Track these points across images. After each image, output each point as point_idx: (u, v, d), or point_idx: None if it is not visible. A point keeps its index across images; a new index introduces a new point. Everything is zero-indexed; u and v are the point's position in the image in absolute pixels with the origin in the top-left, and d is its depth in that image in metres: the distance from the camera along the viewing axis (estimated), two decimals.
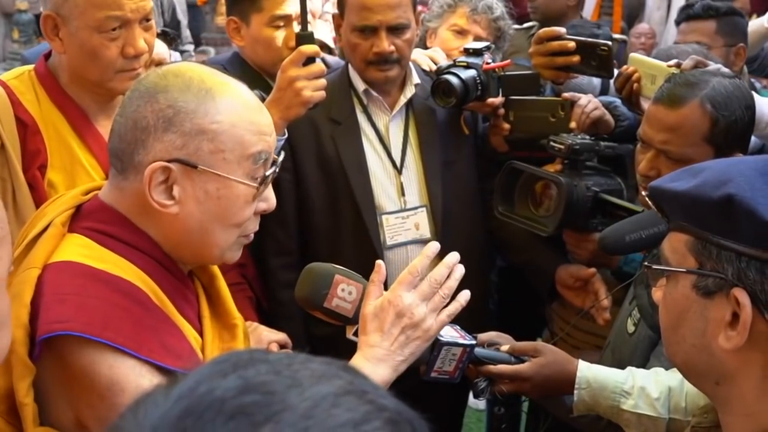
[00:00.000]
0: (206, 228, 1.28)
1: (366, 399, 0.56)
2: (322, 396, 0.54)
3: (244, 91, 1.31)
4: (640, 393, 1.55)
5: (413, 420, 0.58)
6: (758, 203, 0.92)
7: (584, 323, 2.27)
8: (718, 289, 0.97)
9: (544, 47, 2.35)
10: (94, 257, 1.25)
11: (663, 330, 1.07)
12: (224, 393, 0.53)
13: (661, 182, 1.07)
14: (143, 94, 1.25)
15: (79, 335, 1.16)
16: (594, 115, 2.31)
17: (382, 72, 2.25)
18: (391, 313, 1.33)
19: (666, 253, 1.05)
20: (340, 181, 2.29)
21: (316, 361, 0.59)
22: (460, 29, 2.86)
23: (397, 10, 2.19)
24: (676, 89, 1.86)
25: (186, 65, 1.31)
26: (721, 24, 3.01)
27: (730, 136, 1.83)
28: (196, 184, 1.25)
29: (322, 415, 0.53)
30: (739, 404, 1.00)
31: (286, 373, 0.56)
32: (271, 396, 0.53)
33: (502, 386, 1.64)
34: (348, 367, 0.60)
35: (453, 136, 2.41)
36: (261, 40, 2.49)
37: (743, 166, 0.98)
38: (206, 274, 1.45)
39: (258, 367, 0.56)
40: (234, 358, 0.58)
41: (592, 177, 2.21)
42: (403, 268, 2.28)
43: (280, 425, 0.51)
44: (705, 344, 0.99)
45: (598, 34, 3.79)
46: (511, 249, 2.53)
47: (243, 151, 1.26)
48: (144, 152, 1.23)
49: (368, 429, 0.53)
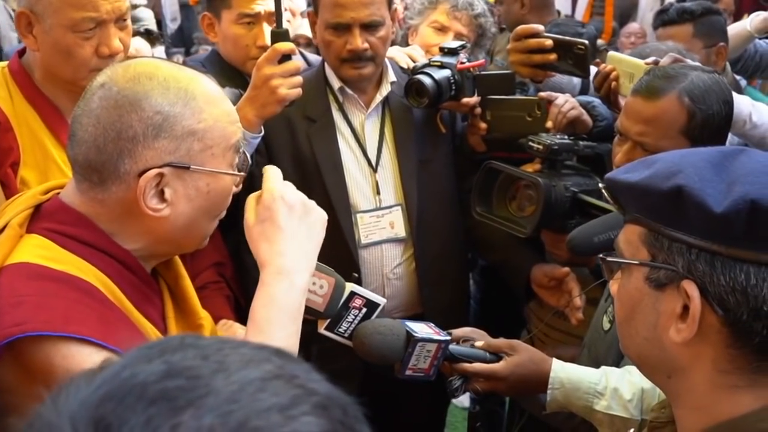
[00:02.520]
0: (194, 222, 1.29)
1: (295, 383, 0.55)
2: (249, 380, 0.53)
3: (208, 81, 1.31)
4: (613, 394, 1.55)
5: (346, 404, 0.57)
6: (707, 195, 0.91)
7: (561, 323, 2.27)
8: (670, 282, 0.96)
9: (522, 44, 2.35)
10: (52, 258, 1.23)
11: (617, 323, 1.07)
12: (147, 378, 0.53)
13: (615, 173, 1.06)
14: (120, 102, 1.22)
15: (38, 334, 1.15)
16: (571, 115, 2.31)
17: (357, 69, 2.25)
18: (282, 208, 1.27)
19: (621, 245, 1.04)
20: (315, 180, 2.28)
21: (248, 346, 0.58)
22: (440, 26, 2.86)
23: (371, 8, 2.19)
24: (654, 81, 1.87)
25: (147, 64, 1.29)
26: (698, 26, 3.01)
27: (707, 130, 1.84)
28: (187, 183, 1.25)
29: (246, 400, 0.52)
30: (690, 397, 0.99)
31: (215, 357, 0.55)
32: (195, 380, 0.53)
33: (477, 385, 1.63)
34: (280, 352, 0.59)
35: (429, 135, 2.41)
36: (230, 37, 2.49)
37: (695, 158, 0.97)
38: (171, 273, 1.43)
39: (186, 352, 0.56)
40: (164, 344, 0.58)
41: (571, 177, 2.21)
42: (378, 267, 2.34)
43: (202, 410, 0.51)
44: (656, 337, 0.98)
45: (582, 33, 3.80)
46: (487, 248, 2.52)
47: (226, 144, 1.28)
48: (131, 161, 1.22)
49: (295, 413, 0.53)
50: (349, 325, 1.48)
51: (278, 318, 1.23)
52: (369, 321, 1.48)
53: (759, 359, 0.94)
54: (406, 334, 1.52)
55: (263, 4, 2.43)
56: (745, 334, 0.92)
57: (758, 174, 0.92)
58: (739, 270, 0.91)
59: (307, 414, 0.53)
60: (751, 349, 0.93)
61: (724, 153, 0.97)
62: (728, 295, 0.91)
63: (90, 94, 1.25)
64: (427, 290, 2.38)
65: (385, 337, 1.49)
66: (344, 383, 1.37)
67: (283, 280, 1.24)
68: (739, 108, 2.06)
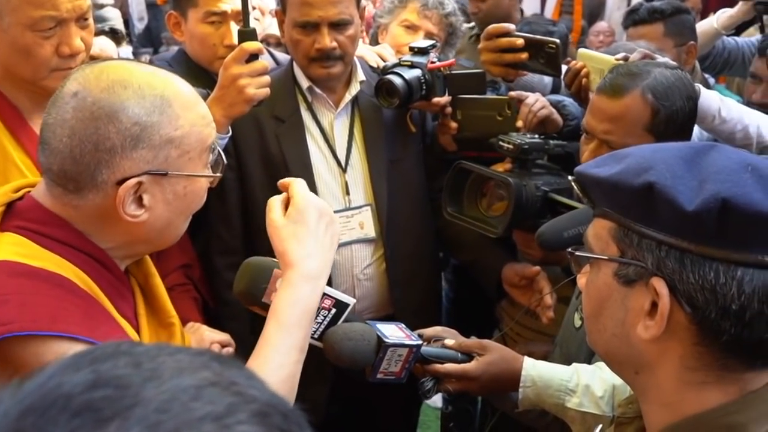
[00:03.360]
0: (171, 224, 1.31)
1: (233, 391, 0.53)
2: (182, 388, 0.51)
3: (182, 83, 1.31)
4: (584, 391, 1.55)
5: (287, 411, 0.55)
6: (678, 191, 0.91)
7: (532, 322, 2.27)
8: (638, 278, 0.95)
9: (493, 44, 2.34)
10: (29, 255, 1.23)
11: (585, 318, 1.06)
12: (72, 388, 0.51)
13: (585, 168, 1.05)
14: (96, 114, 1.20)
15: (27, 334, 1.15)
16: (541, 114, 2.31)
17: (325, 68, 2.23)
18: (314, 214, 1.30)
19: (589, 239, 1.04)
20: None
21: (186, 352, 0.56)
22: (410, 25, 2.85)
23: (339, 6, 2.17)
24: (618, 79, 1.88)
25: (121, 69, 1.27)
26: (669, 25, 3.03)
27: (671, 126, 1.85)
28: (165, 188, 1.26)
29: (178, 409, 0.50)
30: (657, 394, 0.99)
31: (148, 365, 0.53)
32: (123, 390, 0.50)
33: (449, 385, 1.62)
34: (221, 357, 0.57)
35: (399, 134, 2.39)
36: (196, 36, 2.46)
37: (666, 153, 0.96)
38: (142, 272, 1.44)
39: (117, 360, 0.53)
40: (97, 351, 0.55)
41: (542, 176, 2.21)
42: (348, 267, 2.32)
43: (129, 422, 0.48)
44: (624, 333, 0.98)
45: (553, 32, 3.81)
46: (458, 248, 2.52)
47: (202, 146, 1.29)
48: (108, 171, 1.22)
49: (230, 422, 0.50)
50: (318, 326, 1.46)
51: (302, 319, 1.27)
52: (339, 326, 1.46)
53: (726, 356, 0.93)
54: (377, 339, 1.50)
55: (230, 2, 2.40)
56: (712, 332, 0.92)
57: (730, 172, 0.91)
58: (709, 268, 0.90)
59: (244, 423, 0.51)
60: (718, 346, 0.93)
61: (696, 149, 0.97)
62: (697, 293, 0.91)
63: (62, 102, 1.23)
64: (397, 291, 2.37)
65: (356, 343, 1.47)
66: (316, 386, 1.35)
67: (309, 284, 1.27)
68: (709, 103, 2.08)
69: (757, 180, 0.90)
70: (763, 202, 0.88)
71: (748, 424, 0.93)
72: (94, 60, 2.31)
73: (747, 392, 0.95)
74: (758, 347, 0.92)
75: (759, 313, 0.90)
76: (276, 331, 1.24)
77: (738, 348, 0.92)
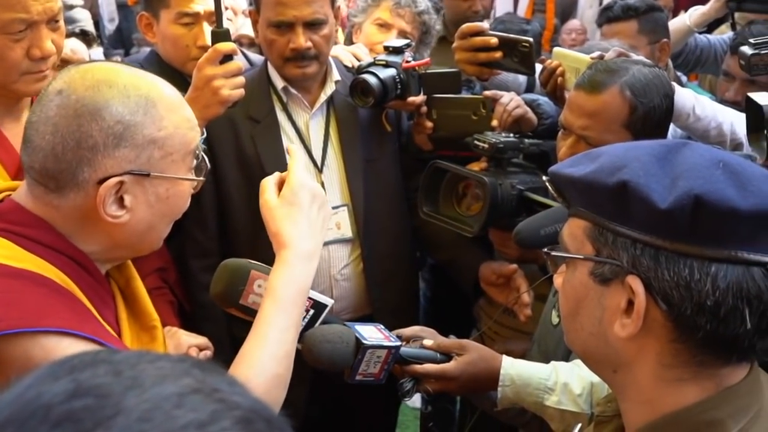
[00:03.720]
0: (153, 227, 1.30)
1: (215, 398, 0.52)
2: (164, 397, 0.51)
3: (167, 86, 1.31)
4: (563, 389, 1.55)
5: (271, 417, 0.55)
6: (652, 189, 0.91)
7: (510, 320, 2.28)
8: (614, 277, 0.95)
9: (467, 42, 2.34)
10: (10, 257, 1.22)
11: (563, 318, 1.06)
12: (52, 398, 0.50)
13: (559, 167, 1.05)
14: (80, 111, 1.20)
15: (13, 332, 1.14)
16: (516, 113, 2.31)
17: (300, 68, 2.22)
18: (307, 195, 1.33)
19: (565, 239, 1.04)
20: (259, 181, 2.24)
21: (167, 359, 0.56)
22: (383, 23, 2.84)
23: (314, 5, 2.17)
24: (596, 75, 1.89)
25: (106, 70, 1.27)
26: (642, 23, 3.04)
27: (649, 123, 1.87)
28: (147, 190, 1.26)
29: (161, 418, 0.49)
30: (635, 391, 0.99)
31: (128, 373, 0.52)
32: (104, 399, 0.50)
33: (428, 386, 1.62)
34: (202, 364, 0.56)
35: (375, 134, 2.39)
36: (169, 37, 2.44)
37: (640, 151, 0.97)
38: (123, 275, 1.43)
39: (97, 369, 0.53)
40: (75, 360, 0.54)
41: (518, 175, 2.21)
42: (325, 268, 2.31)
43: (111, 431, 0.48)
44: (602, 332, 0.98)
45: (527, 30, 3.83)
46: (435, 247, 2.52)
47: (186, 149, 1.29)
48: (90, 170, 1.21)
49: (214, 429, 0.50)
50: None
51: (298, 298, 1.30)
52: (317, 328, 1.46)
53: (702, 352, 0.94)
54: (356, 340, 1.50)
55: (203, 3, 2.38)
56: (688, 329, 0.92)
57: (702, 169, 0.92)
58: (683, 265, 0.91)
59: (227, 429, 0.51)
60: (694, 343, 0.93)
61: (668, 147, 0.97)
62: (672, 290, 0.91)
63: (47, 100, 1.23)
64: (375, 291, 2.37)
65: (334, 345, 1.46)
66: (294, 388, 1.35)
67: (304, 264, 1.30)
68: (683, 101, 2.10)
69: (729, 176, 0.91)
70: (735, 198, 0.89)
71: (725, 420, 0.94)
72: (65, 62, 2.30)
73: (724, 388, 0.96)
74: (733, 342, 0.93)
75: (733, 309, 0.90)
76: (273, 310, 1.26)
77: (714, 344, 0.93)
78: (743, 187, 0.90)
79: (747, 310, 0.90)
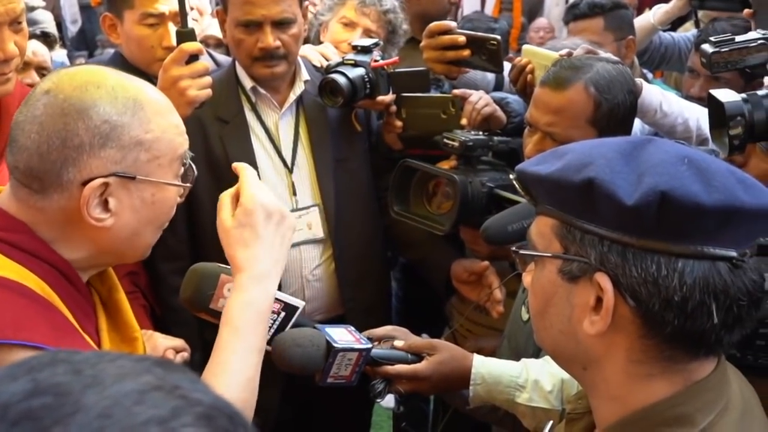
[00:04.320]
0: (138, 233, 1.28)
1: (177, 394, 0.52)
2: (124, 393, 0.51)
3: (155, 91, 1.30)
4: (534, 386, 1.56)
5: (232, 414, 0.55)
6: (618, 186, 0.91)
7: (482, 317, 2.28)
8: (582, 274, 0.96)
9: (435, 41, 2.35)
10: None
11: (532, 316, 1.07)
12: (10, 398, 0.49)
13: (526, 165, 1.06)
14: (67, 110, 1.19)
15: None
16: (485, 112, 2.32)
17: (269, 68, 2.21)
18: (261, 215, 1.30)
19: (533, 237, 1.04)
20: (229, 182, 2.22)
21: (128, 358, 0.56)
22: (348, 21, 2.83)
23: (282, 4, 2.15)
24: (561, 72, 1.91)
25: (95, 72, 1.26)
26: (608, 20, 3.07)
27: (613, 120, 1.88)
28: (132, 193, 1.24)
29: (121, 414, 0.49)
30: (605, 388, 1.00)
31: (88, 372, 0.52)
32: (63, 397, 0.50)
33: (400, 386, 1.61)
34: (163, 362, 0.56)
35: (345, 133, 2.38)
36: (133, 38, 2.41)
37: (605, 149, 0.97)
38: (105, 285, 1.40)
39: (56, 368, 0.52)
40: (34, 361, 0.54)
41: (487, 173, 2.22)
42: (296, 269, 2.30)
43: (70, 428, 0.48)
44: (571, 330, 0.99)
45: (495, 29, 3.84)
46: (406, 246, 2.52)
47: (173, 155, 1.27)
48: (75, 170, 1.19)
49: (175, 425, 0.50)
50: (267, 330, 1.44)
51: (255, 321, 1.27)
52: (288, 332, 1.45)
53: (671, 347, 0.95)
54: (327, 344, 1.49)
55: (168, 3, 2.36)
56: (657, 324, 0.93)
57: (667, 165, 0.93)
58: (650, 261, 0.92)
59: (189, 425, 0.51)
60: (663, 338, 0.94)
61: (634, 143, 0.98)
62: (640, 286, 0.92)
63: (34, 100, 1.22)
64: (347, 291, 2.36)
65: (305, 349, 1.45)
66: (266, 390, 1.34)
67: (259, 286, 1.28)
68: (651, 98, 2.12)
69: (694, 172, 0.92)
70: (700, 194, 0.90)
71: (694, 414, 0.95)
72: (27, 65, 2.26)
73: (692, 382, 0.97)
74: (701, 337, 0.94)
75: (700, 304, 0.91)
76: (230, 336, 1.25)
77: (682, 339, 0.94)
78: (708, 182, 0.91)
79: (714, 305, 0.91)
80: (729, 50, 1.46)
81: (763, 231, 0.99)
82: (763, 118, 1.43)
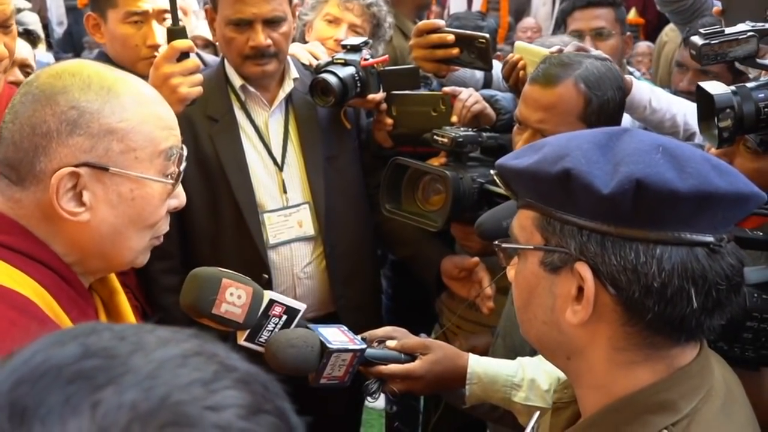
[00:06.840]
0: (120, 232, 1.22)
1: (215, 360, 0.55)
2: (168, 358, 0.53)
3: (144, 85, 1.26)
4: (530, 385, 1.56)
5: (266, 381, 0.57)
6: (594, 176, 0.93)
7: (473, 314, 2.29)
8: (564, 264, 0.97)
9: (424, 40, 2.35)
10: None
11: (516, 309, 1.08)
12: (62, 360, 0.52)
13: (505, 160, 1.07)
14: (38, 97, 1.16)
15: None
16: (475, 109, 2.33)
17: (260, 66, 2.21)
18: None
19: (515, 231, 1.05)
20: (219, 181, 2.24)
21: (165, 329, 0.58)
22: (333, 18, 2.83)
23: (273, 3, 2.16)
24: (550, 69, 1.92)
25: (79, 63, 1.23)
26: (617, 13, 3.08)
27: (603, 116, 1.89)
28: (108, 187, 1.18)
29: (167, 375, 0.52)
30: (589, 377, 1.01)
31: (132, 339, 0.55)
32: (113, 360, 0.52)
33: (394, 386, 1.61)
34: (198, 333, 0.59)
35: (334, 131, 2.39)
36: (117, 37, 2.41)
37: (581, 140, 0.99)
38: (106, 289, 1.36)
39: (101, 335, 0.55)
40: (75, 330, 0.56)
41: (477, 169, 2.22)
42: (287, 266, 2.31)
43: (123, 387, 0.50)
44: (554, 320, 1.00)
45: (483, 27, 3.85)
46: (396, 243, 2.52)
47: (154, 149, 1.21)
48: (46, 159, 1.15)
49: (217, 387, 0.53)
50: (269, 333, 1.45)
51: None
52: (281, 332, 1.45)
53: (652, 334, 0.96)
54: (321, 344, 1.48)
55: (151, 1, 2.36)
56: (638, 312, 0.94)
57: (642, 153, 0.94)
58: (629, 249, 0.93)
59: (229, 388, 0.53)
60: (644, 325, 0.95)
61: (609, 134, 0.99)
62: (620, 274, 0.93)
63: (17, 93, 1.20)
64: (338, 288, 2.36)
65: (299, 350, 1.45)
66: None
67: None
68: (641, 94, 2.13)
69: (669, 160, 0.93)
70: (674, 181, 0.91)
71: (678, 401, 0.96)
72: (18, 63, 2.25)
73: (675, 369, 0.98)
74: (681, 322, 0.95)
75: (679, 289, 0.92)
76: None
77: (663, 325, 0.95)
78: (682, 169, 0.92)
79: (693, 290, 0.93)
80: (719, 42, 1.46)
81: (739, 216, 1.01)
82: (752, 110, 1.43)
